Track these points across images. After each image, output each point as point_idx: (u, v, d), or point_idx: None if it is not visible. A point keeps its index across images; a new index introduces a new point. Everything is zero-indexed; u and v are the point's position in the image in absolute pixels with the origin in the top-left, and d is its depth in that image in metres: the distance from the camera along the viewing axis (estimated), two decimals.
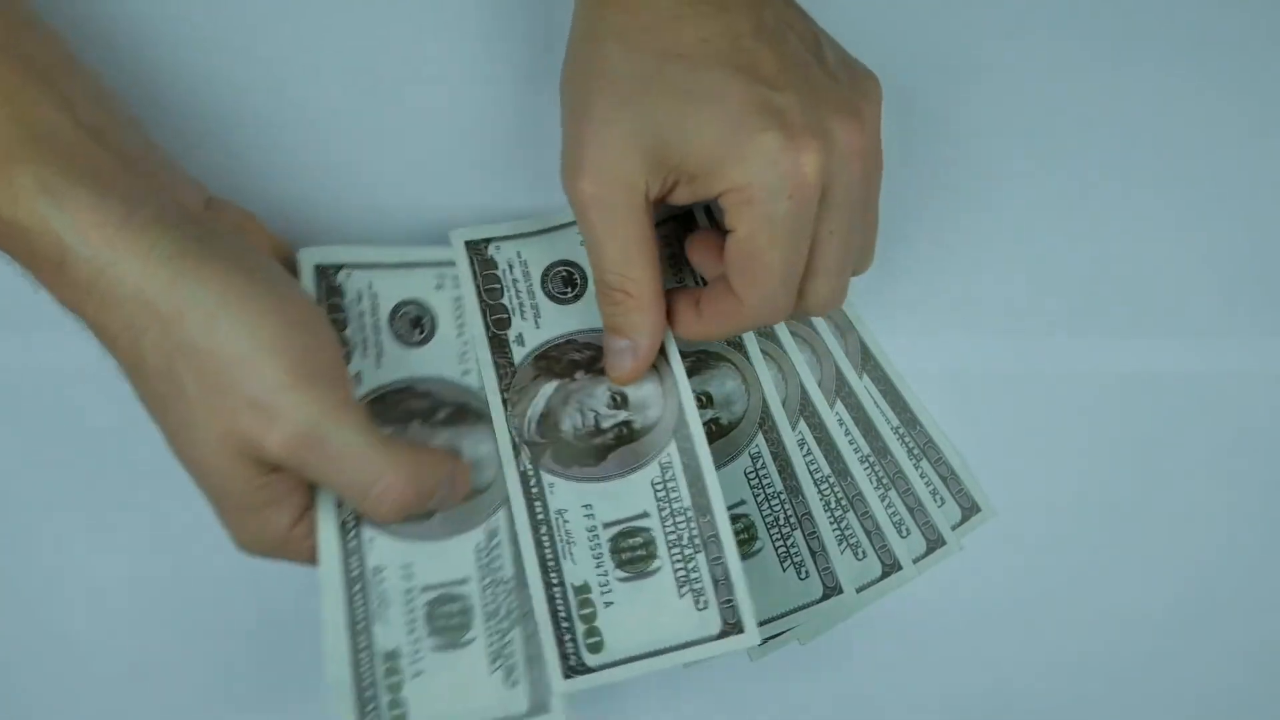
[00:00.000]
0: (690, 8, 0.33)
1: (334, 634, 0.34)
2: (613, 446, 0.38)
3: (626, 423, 0.38)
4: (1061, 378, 0.44)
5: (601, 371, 0.38)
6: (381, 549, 0.35)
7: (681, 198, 0.34)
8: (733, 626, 0.35)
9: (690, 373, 0.40)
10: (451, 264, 0.39)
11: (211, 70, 0.41)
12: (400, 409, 0.37)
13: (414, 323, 0.38)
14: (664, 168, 0.33)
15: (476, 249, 0.40)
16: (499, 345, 0.39)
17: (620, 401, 0.38)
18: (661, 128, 0.32)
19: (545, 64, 0.43)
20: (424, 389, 0.37)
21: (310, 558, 0.35)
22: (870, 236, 0.36)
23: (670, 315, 0.37)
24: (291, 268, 0.37)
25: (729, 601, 0.36)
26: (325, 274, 0.37)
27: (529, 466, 0.37)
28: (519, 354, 0.39)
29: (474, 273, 0.39)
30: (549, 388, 0.38)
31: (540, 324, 0.39)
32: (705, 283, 0.40)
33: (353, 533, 0.35)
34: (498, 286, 0.39)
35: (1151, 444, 0.44)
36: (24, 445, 0.41)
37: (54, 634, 0.41)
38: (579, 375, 0.39)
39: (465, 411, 0.37)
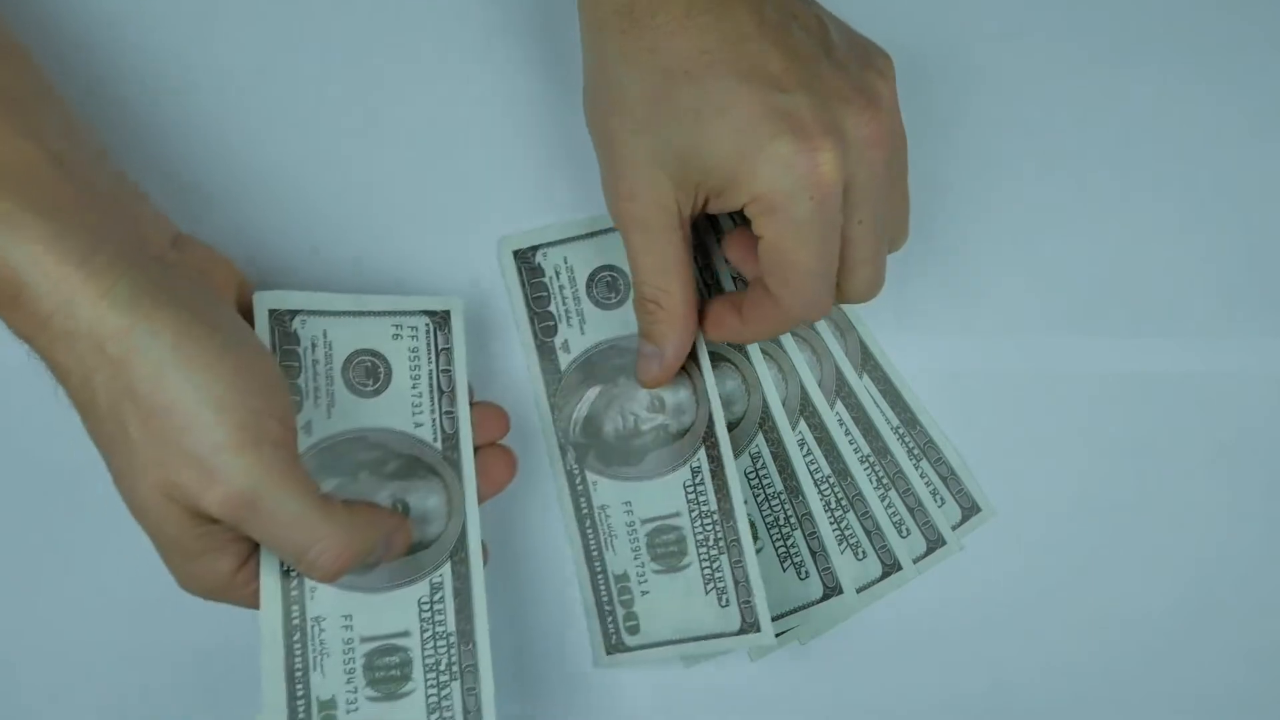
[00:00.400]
0: (689, 19, 0.32)
1: (272, 681, 0.34)
2: (651, 448, 0.40)
3: (663, 426, 0.40)
4: (1061, 378, 0.44)
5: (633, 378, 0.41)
6: (322, 599, 0.35)
7: (716, 208, 0.34)
8: (750, 625, 0.38)
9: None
10: (408, 313, 0.38)
11: (187, 107, 0.41)
12: (349, 459, 0.36)
13: (368, 372, 0.37)
14: (690, 186, 0.33)
15: (524, 257, 0.41)
16: (546, 353, 0.41)
17: (659, 406, 0.40)
18: (679, 150, 0.33)
19: (539, 91, 0.43)
20: (375, 439, 0.37)
21: (252, 603, 0.35)
22: (902, 213, 0.37)
23: (714, 320, 0.38)
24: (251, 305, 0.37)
25: (748, 602, 0.38)
26: (280, 320, 0.37)
27: (575, 466, 0.41)
28: (564, 360, 0.41)
29: (521, 281, 0.41)
30: (592, 392, 0.41)
31: (585, 330, 0.41)
32: (743, 282, 0.41)
33: (295, 581, 0.35)
34: (545, 295, 0.41)
35: (1151, 444, 0.44)
36: (24, 445, 0.41)
37: (56, 633, 0.41)
38: (621, 380, 0.41)
39: (415, 464, 0.37)
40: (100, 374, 0.30)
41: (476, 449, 0.37)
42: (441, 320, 0.38)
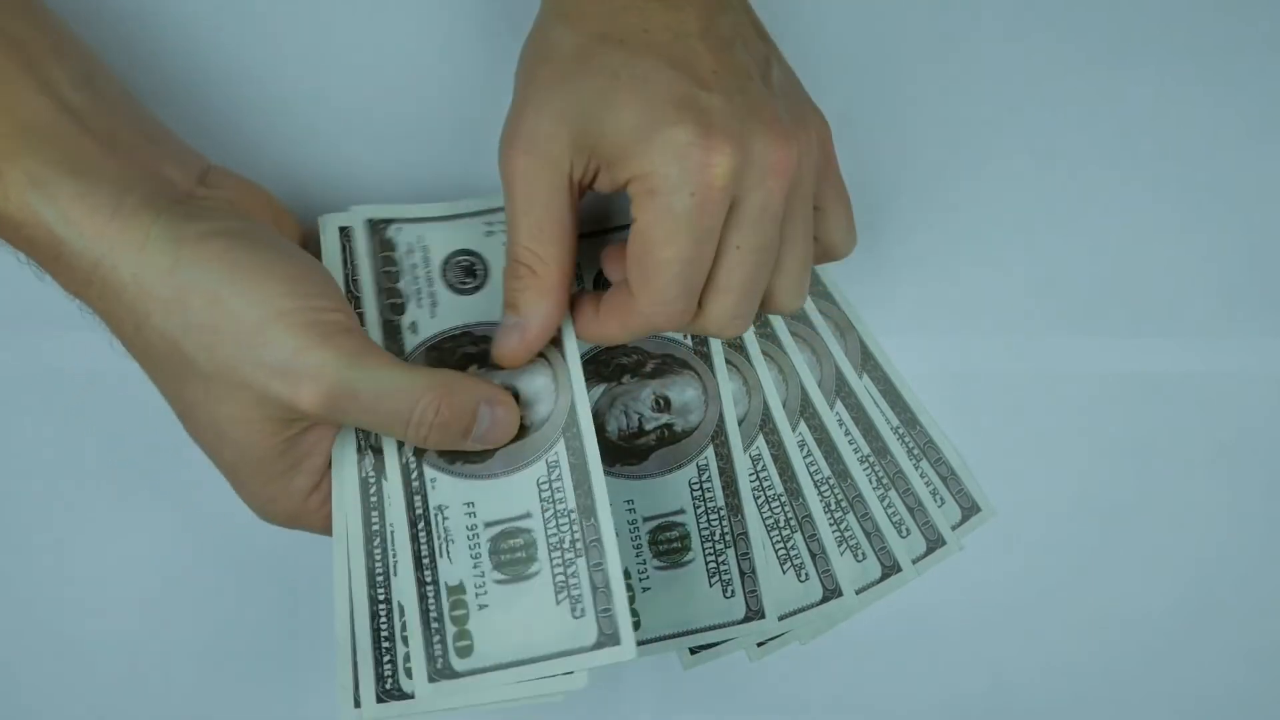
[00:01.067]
0: (648, 1, 0.33)
1: (355, 587, 0.35)
2: (656, 446, 0.40)
3: (669, 425, 0.40)
4: (1061, 378, 0.44)
5: (650, 375, 0.40)
6: (443, 488, 0.36)
7: (604, 184, 0.33)
8: (609, 637, 0.35)
9: (652, 375, 0.41)
10: (497, 210, 0.39)
11: (218, 42, 0.41)
12: (458, 355, 0.38)
13: (467, 270, 0.39)
14: (586, 149, 0.32)
15: (376, 229, 0.39)
16: (391, 331, 0.38)
17: (663, 405, 0.40)
18: (587, 107, 0.32)
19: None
20: (480, 333, 0.38)
21: (325, 526, 0.35)
22: (795, 271, 0.35)
23: (573, 314, 0.36)
24: (295, 233, 0.37)
25: (607, 611, 0.35)
26: (377, 229, 0.38)
27: (411, 459, 0.36)
28: (411, 342, 0.38)
29: (372, 252, 0.39)
30: (596, 391, 0.40)
31: (436, 313, 0.39)
32: None
33: (374, 490, 0.36)
34: (394, 270, 0.39)
35: (1151, 444, 0.44)
36: (23, 445, 0.41)
37: (55, 633, 0.41)
38: (625, 379, 0.40)
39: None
40: (154, 317, 0.31)
41: None
42: None
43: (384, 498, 0.36)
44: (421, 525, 0.36)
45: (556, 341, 0.37)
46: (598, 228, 0.42)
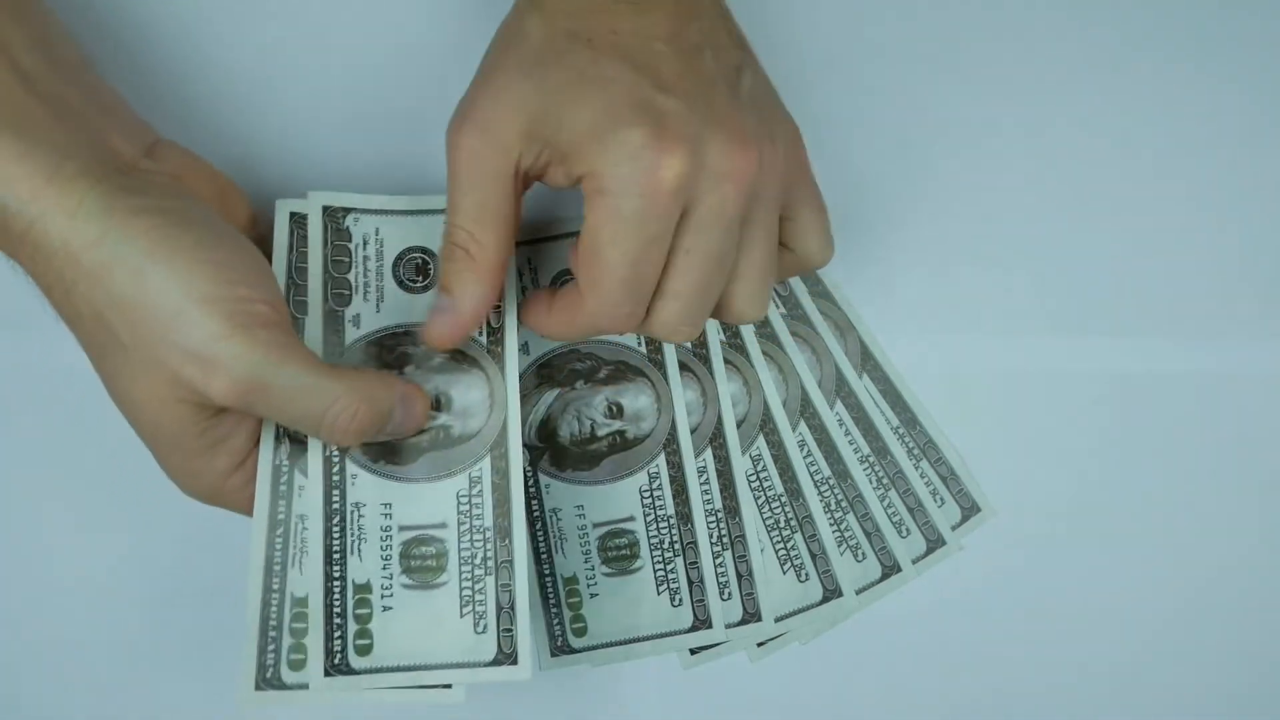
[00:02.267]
0: (618, 3, 0.33)
1: (253, 575, 0.35)
2: (608, 453, 0.39)
3: (620, 432, 0.39)
4: (1061, 378, 0.44)
5: (603, 381, 0.40)
6: (363, 486, 0.36)
7: (556, 178, 0.33)
8: (507, 656, 0.35)
9: (606, 382, 0.41)
10: None
11: (185, 18, 0.41)
12: (397, 353, 0.37)
13: (419, 268, 0.38)
14: (539, 140, 0.32)
15: (332, 216, 0.39)
16: (333, 322, 0.38)
17: (616, 412, 0.40)
18: (547, 100, 0.32)
19: None
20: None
21: (247, 507, 0.35)
22: (753, 279, 0.34)
23: (528, 307, 0.36)
24: (244, 213, 0.37)
25: (509, 630, 0.35)
26: (333, 216, 0.38)
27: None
28: (351, 335, 0.38)
29: (325, 240, 0.38)
30: (549, 395, 0.40)
31: (381, 309, 0.38)
32: None
33: (284, 479, 0.36)
34: (346, 260, 0.38)
35: (1151, 444, 0.44)
36: (22, 444, 0.41)
37: (50, 631, 0.41)
38: (579, 385, 0.40)
39: (460, 357, 0.37)
40: (81, 285, 0.31)
41: None
42: None
43: (293, 488, 0.36)
44: (336, 520, 0.36)
45: (498, 359, 0.37)
46: (560, 232, 0.42)
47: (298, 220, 0.38)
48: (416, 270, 0.38)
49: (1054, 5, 0.44)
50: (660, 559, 0.39)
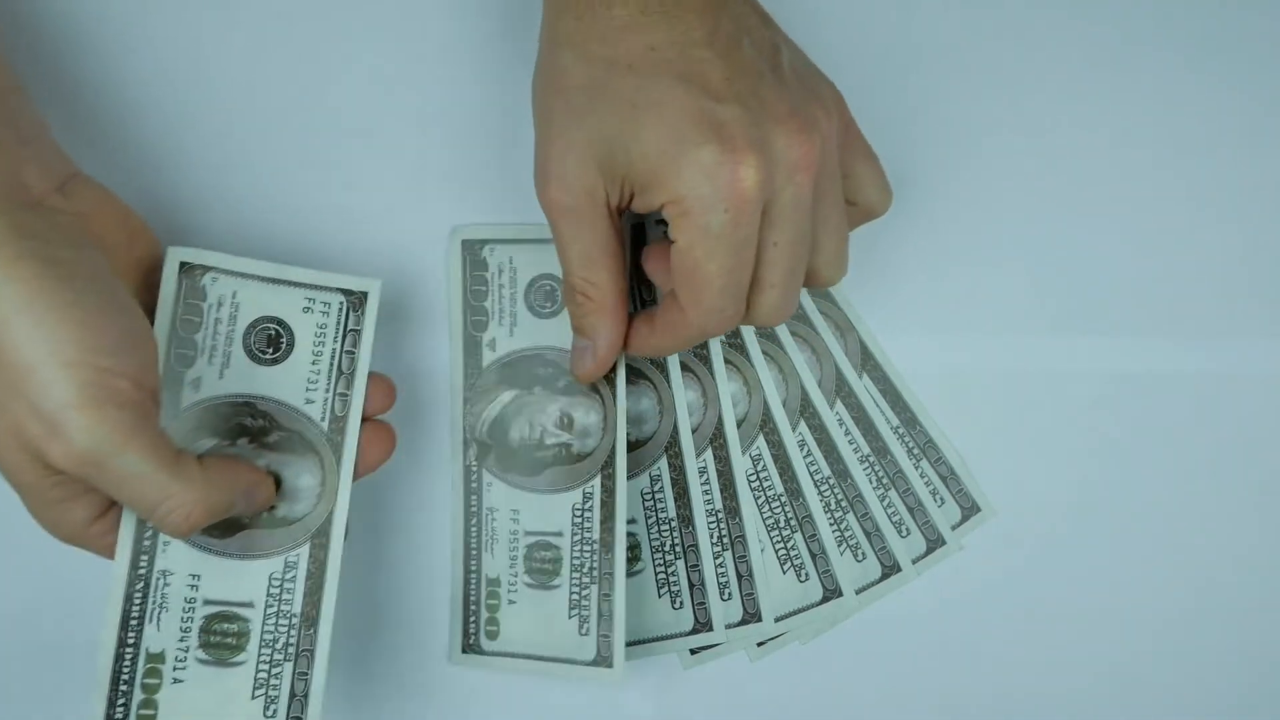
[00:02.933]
0: (644, 15, 0.32)
1: (108, 629, 0.35)
2: (550, 464, 0.40)
3: (567, 445, 0.40)
4: (1062, 378, 0.44)
5: (559, 390, 0.40)
6: (174, 554, 0.35)
7: (640, 207, 0.34)
8: (604, 660, 0.38)
9: (563, 392, 0.41)
10: (324, 289, 0.38)
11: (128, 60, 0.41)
12: (233, 423, 0.36)
13: (270, 340, 0.37)
14: (617, 177, 0.33)
15: (471, 248, 0.41)
16: (471, 346, 0.41)
17: (567, 424, 0.40)
18: (610, 139, 0.32)
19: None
20: (262, 408, 0.37)
21: (109, 553, 0.35)
22: (832, 247, 0.36)
23: (629, 338, 0.37)
24: (150, 255, 0.36)
25: (606, 636, 0.38)
26: (190, 273, 0.37)
27: (474, 463, 0.40)
28: (488, 358, 0.41)
29: (464, 271, 0.41)
30: (507, 395, 0.41)
31: (515, 332, 0.40)
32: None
33: (150, 532, 0.35)
34: (484, 289, 0.41)
35: (1151, 444, 0.44)
36: None
37: (53, 632, 0.41)
38: (536, 390, 0.41)
39: (298, 439, 0.37)
40: None
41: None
42: (358, 301, 0.38)
43: (158, 541, 0.36)
44: (139, 586, 0.35)
45: (337, 449, 0.37)
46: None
47: (185, 270, 0.37)
48: (268, 341, 0.37)
49: (1054, 5, 0.44)
50: (578, 583, 0.40)
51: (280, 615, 0.36)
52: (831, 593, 0.42)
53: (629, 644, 0.40)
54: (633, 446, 0.41)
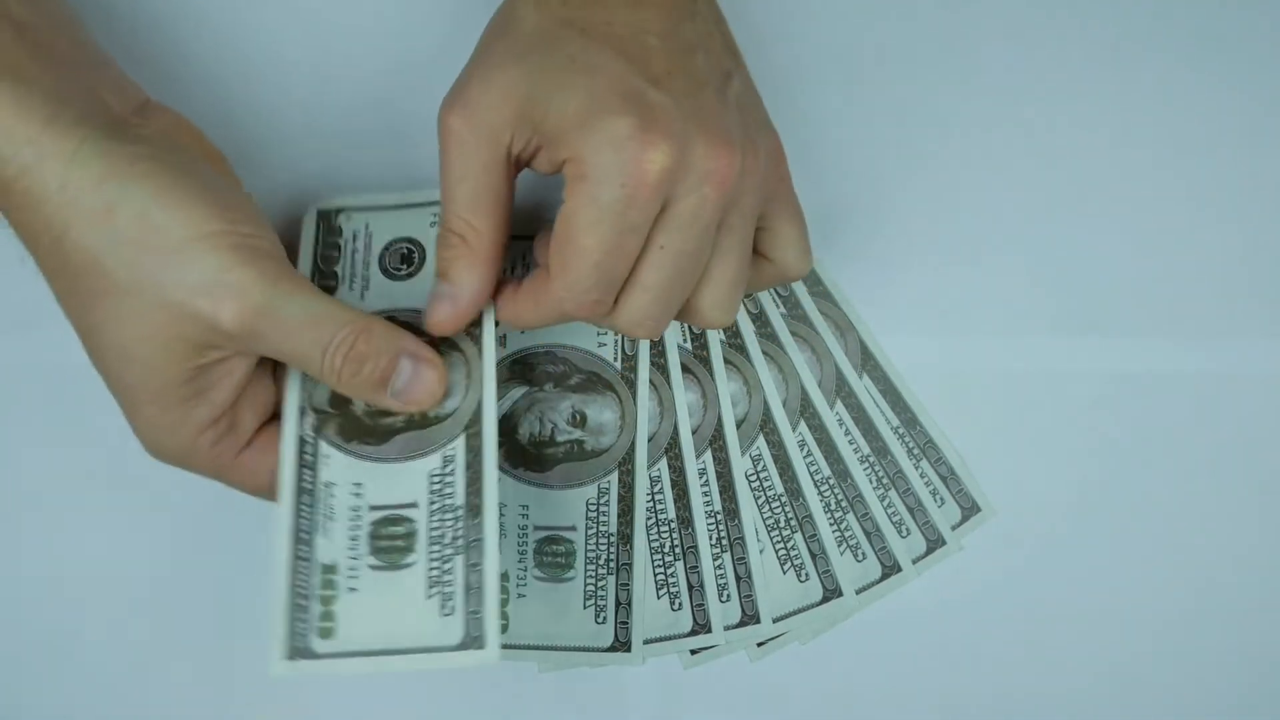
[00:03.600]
0: None
1: (279, 546, 0.34)
2: (561, 460, 0.40)
3: (579, 441, 0.40)
4: (1061, 378, 0.44)
5: (572, 389, 0.40)
6: (335, 465, 0.36)
7: (542, 164, 0.33)
8: (474, 639, 0.34)
9: (575, 389, 0.41)
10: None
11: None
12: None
13: (404, 258, 0.39)
14: (529, 125, 0.32)
15: (326, 218, 0.40)
16: None
17: (579, 421, 0.40)
18: (537, 85, 0.32)
19: None
20: (404, 319, 0.37)
21: (213, 468, 0.35)
22: (723, 285, 0.34)
23: (499, 292, 0.36)
24: (225, 173, 0.37)
25: (477, 612, 0.34)
26: (326, 216, 0.39)
27: (311, 434, 0.36)
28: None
29: (316, 239, 0.40)
30: (517, 391, 0.40)
31: (366, 296, 0.39)
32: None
33: (309, 447, 0.36)
34: (335, 254, 0.39)
35: (1151, 444, 0.44)
36: (24, 443, 0.41)
37: (54, 630, 0.41)
38: (548, 387, 0.41)
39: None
40: (75, 229, 0.30)
41: None
42: None
43: (319, 456, 0.36)
44: (305, 500, 0.35)
45: (475, 339, 0.37)
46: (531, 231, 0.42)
47: (324, 217, 0.40)
48: (402, 259, 0.39)
49: (1054, 5, 0.44)
50: (593, 574, 0.40)
51: (445, 510, 0.35)
52: (831, 593, 0.42)
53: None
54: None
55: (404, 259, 0.39)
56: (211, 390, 0.33)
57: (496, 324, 0.37)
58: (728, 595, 0.41)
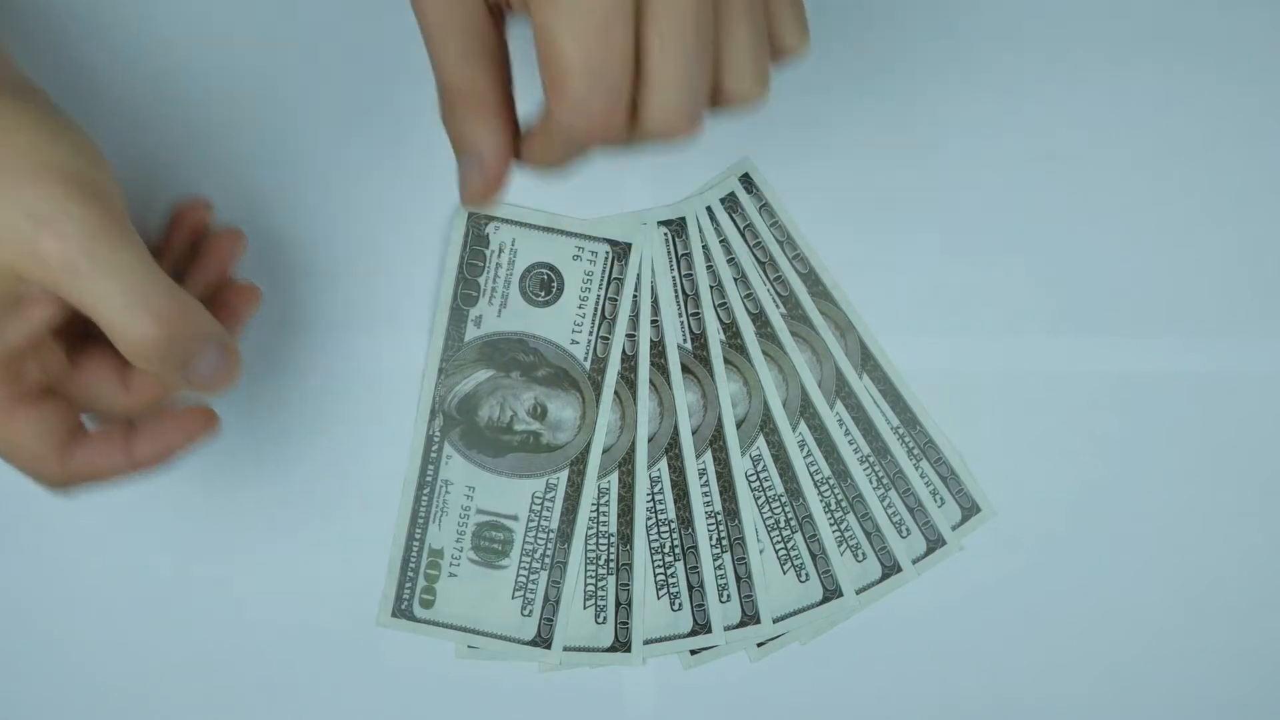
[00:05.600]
0: None
1: (399, 525, 0.41)
2: (516, 449, 0.41)
3: (536, 433, 0.41)
4: (1061, 378, 0.44)
5: (538, 381, 0.41)
6: (455, 467, 0.41)
7: (516, 3, 0.29)
8: (544, 641, 0.41)
9: (541, 382, 0.41)
10: (592, 238, 0.41)
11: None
12: (508, 357, 0.41)
13: (543, 284, 0.41)
14: None
15: (476, 222, 0.41)
16: (457, 318, 0.41)
17: (539, 414, 0.41)
18: None
19: None
20: (534, 345, 0.41)
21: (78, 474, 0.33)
22: (742, 54, 0.30)
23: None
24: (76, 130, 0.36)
25: (550, 620, 0.41)
26: (477, 222, 0.41)
27: (437, 434, 0.41)
28: (471, 333, 0.41)
29: (464, 243, 0.41)
30: (483, 374, 0.41)
31: (503, 314, 0.41)
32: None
33: (435, 446, 0.41)
34: (480, 264, 0.41)
35: (1152, 444, 0.44)
36: None
37: (53, 632, 0.41)
38: (514, 374, 0.41)
39: (563, 376, 0.41)
40: None
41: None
42: (622, 251, 0.41)
43: (443, 455, 0.41)
44: (425, 491, 0.41)
45: (597, 387, 0.41)
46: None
47: (474, 221, 0.41)
48: (541, 285, 0.41)
49: (1054, 5, 0.44)
50: (526, 566, 0.41)
51: (540, 530, 0.41)
52: (832, 593, 0.42)
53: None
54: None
55: (543, 285, 0.41)
56: (33, 307, 0.31)
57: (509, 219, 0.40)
58: (728, 595, 0.41)
